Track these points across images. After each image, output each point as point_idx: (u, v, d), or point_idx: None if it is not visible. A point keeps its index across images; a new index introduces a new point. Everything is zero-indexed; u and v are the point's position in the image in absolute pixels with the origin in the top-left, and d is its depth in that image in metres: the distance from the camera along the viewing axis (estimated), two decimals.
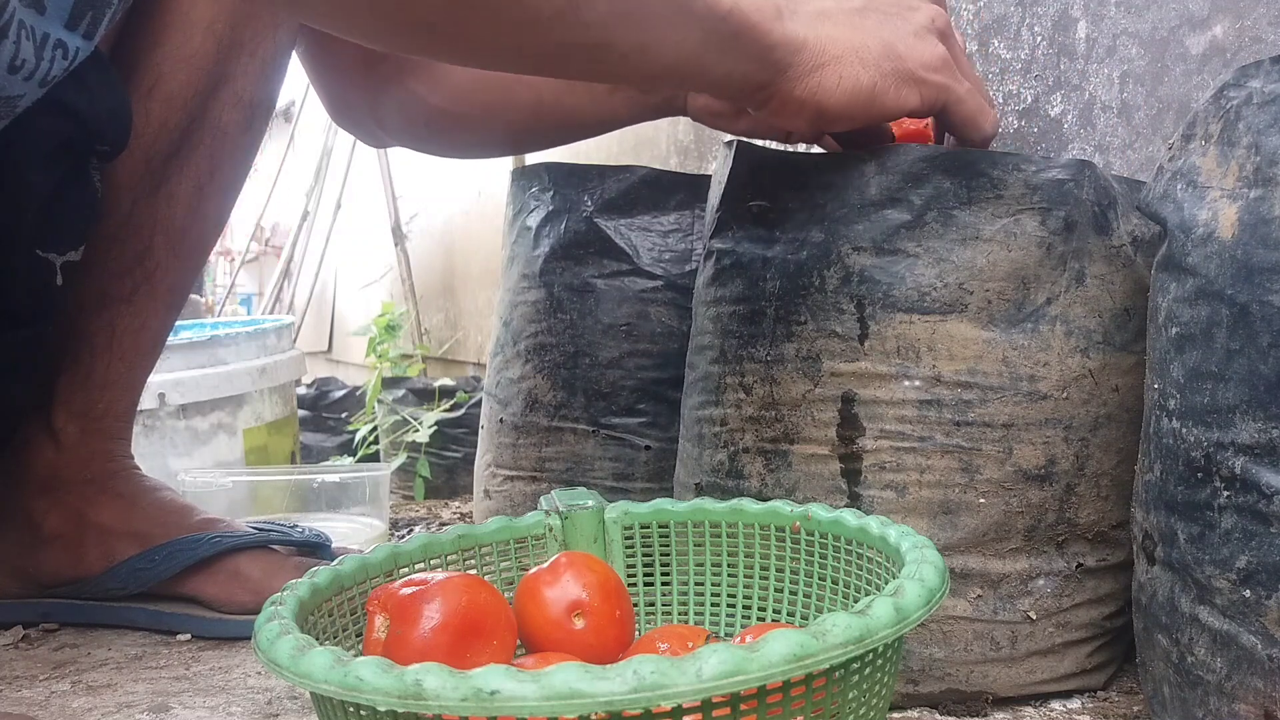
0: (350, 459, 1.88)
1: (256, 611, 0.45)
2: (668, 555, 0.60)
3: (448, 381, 1.84)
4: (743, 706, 0.35)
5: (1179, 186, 0.52)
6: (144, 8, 0.80)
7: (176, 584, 0.82)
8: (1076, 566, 0.63)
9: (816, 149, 1.20)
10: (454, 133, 0.94)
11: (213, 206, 0.86)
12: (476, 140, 0.97)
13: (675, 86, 0.66)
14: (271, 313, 3.91)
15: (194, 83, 0.81)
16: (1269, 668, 0.45)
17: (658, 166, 1.03)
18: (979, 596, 0.61)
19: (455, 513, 1.43)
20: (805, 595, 0.56)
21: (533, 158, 2.05)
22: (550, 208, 0.98)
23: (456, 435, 1.63)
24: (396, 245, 2.81)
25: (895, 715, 0.62)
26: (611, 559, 0.60)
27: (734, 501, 0.58)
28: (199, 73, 0.80)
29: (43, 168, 0.72)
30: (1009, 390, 0.61)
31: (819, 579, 0.55)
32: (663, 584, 0.61)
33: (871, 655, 0.39)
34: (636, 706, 0.32)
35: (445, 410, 1.68)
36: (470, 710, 0.32)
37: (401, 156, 2.76)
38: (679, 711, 0.34)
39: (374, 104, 0.91)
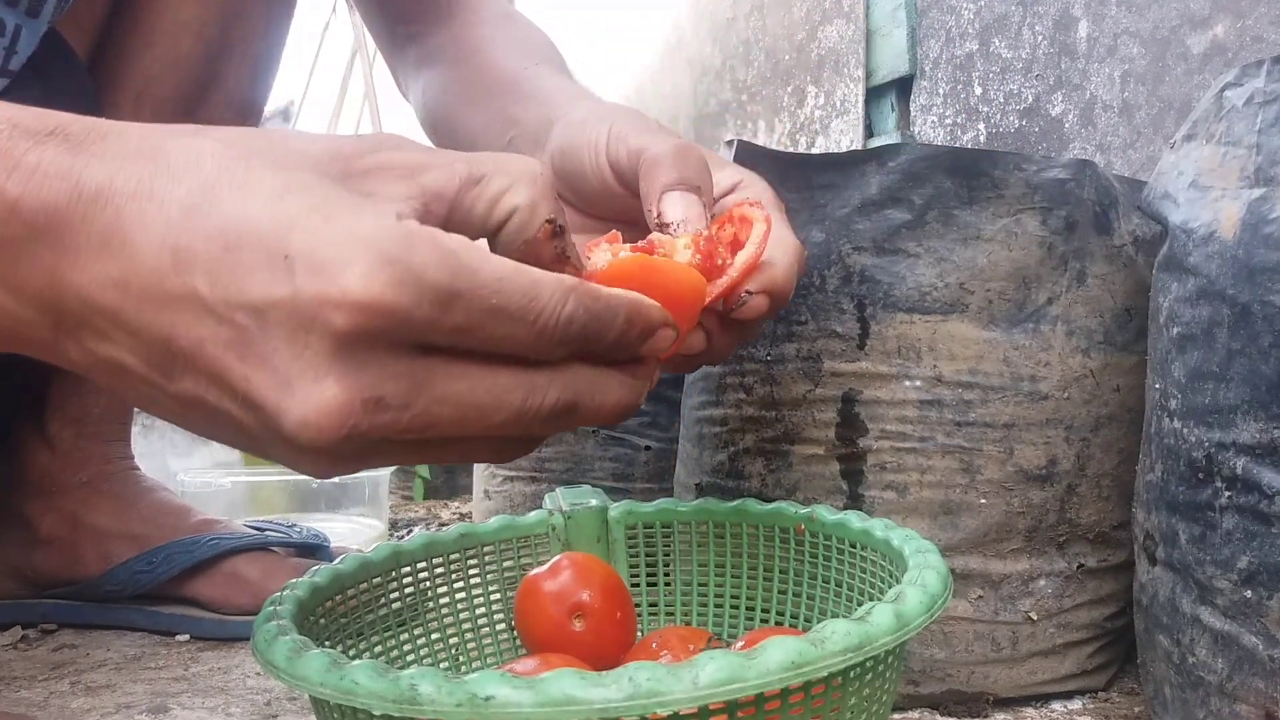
0: None
1: (255, 612, 0.44)
2: (670, 555, 0.60)
3: None
4: (740, 714, 0.35)
5: (1180, 186, 0.52)
6: (128, 12, 0.78)
7: (175, 586, 0.82)
8: (1077, 567, 0.63)
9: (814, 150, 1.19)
10: None
11: None
12: None
13: None
14: None
15: (183, 87, 0.79)
16: (1270, 668, 0.45)
17: None
18: (980, 597, 0.61)
19: (455, 513, 1.43)
20: (808, 597, 0.56)
21: None
22: None
23: None
24: None
25: (896, 716, 0.62)
26: (614, 558, 0.60)
27: (739, 502, 0.58)
28: (188, 76, 0.79)
29: None
30: (1010, 390, 0.61)
31: (822, 581, 0.55)
32: (665, 584, 0.61)
33: (872, 662, 0.38)
34: (632, 714, 0.32)
35: None
36: (465, 716, 0.32)
37: None
38: (676, 718, 0.34)
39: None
